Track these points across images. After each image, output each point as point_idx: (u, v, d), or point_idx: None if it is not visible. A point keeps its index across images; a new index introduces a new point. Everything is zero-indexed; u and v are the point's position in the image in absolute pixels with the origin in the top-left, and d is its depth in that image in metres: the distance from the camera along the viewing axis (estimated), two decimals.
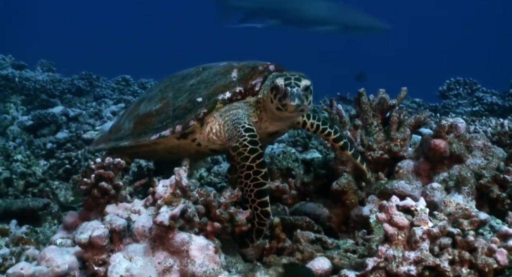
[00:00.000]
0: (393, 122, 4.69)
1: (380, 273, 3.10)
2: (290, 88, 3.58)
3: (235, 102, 4.01)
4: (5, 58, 14.29)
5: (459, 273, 2.99)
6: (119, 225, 3.42)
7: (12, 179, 6.46)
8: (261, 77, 4.02)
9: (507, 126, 4.76)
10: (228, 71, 4.16)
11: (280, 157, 5.20)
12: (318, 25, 19.51)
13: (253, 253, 3.90)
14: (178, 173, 3.55)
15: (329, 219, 4.43)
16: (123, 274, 3.21)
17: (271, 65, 4.11)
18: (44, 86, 13.38)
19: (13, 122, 10.26)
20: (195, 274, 3.29)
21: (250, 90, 4.01)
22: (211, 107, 3.98)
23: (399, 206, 3.22)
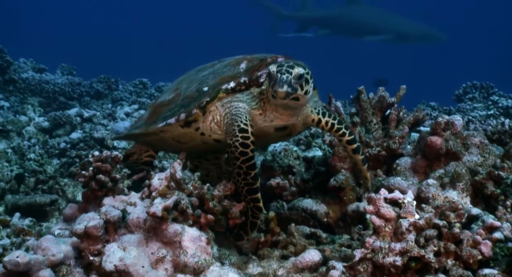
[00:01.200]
0: (392, 119, 4.73)
1: (367, 264, 3.15)
2: (280, 75, 3.50)
3: (239, 93, 3.96)
4: (26, 62, 14.56)
5: (444, 264, 3.03)
6: (114, 216, 3.51)
7: (24, 176, 6.60)
8: (265, 69, 3.92)
9: (507, 125, 4.77)
10: (238, 63, 4.15)
11: (282, 155, 5.25)
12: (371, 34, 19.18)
13: (248, 246, 3.96)
14: (173, 166, 3.63)
15: (327, 215, 4.47)
16: (116, 263, 3.28)
17: (280, 57, 4.02)
18: (63, 89, 13.59)
19: (30, 123, 10.46)
20: (187, 264, 3.36)
21: (254, 81, 3.94)
22: (213, 96, 3.95)
23: (387, 198, 3.27)
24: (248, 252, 3.93)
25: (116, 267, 3.27)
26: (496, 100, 12.24)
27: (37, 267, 3.26)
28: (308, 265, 3.44)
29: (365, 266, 3.15)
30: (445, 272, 3.02)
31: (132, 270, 3.27)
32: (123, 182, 3.99)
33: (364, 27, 19.18)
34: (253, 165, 3.70)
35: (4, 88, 12.92)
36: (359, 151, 4.13)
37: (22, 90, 12.96)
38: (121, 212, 3.57)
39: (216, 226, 3.70)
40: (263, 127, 3.96)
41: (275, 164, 5.15)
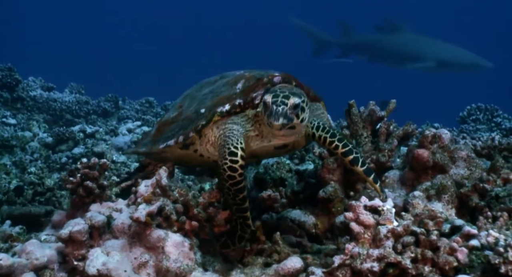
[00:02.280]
0: (381, 133, 4.79)
1: (346, 270, 3.19)
2: (276, 107, 3.46)
3: (234, 115, 3.89)
4: (35, 80, 14.73)
5: (421, 271, 3.06)
6: (99, 221, 3.57)
7: (23, 189, 6.68)
8: (262, 90, 3.87)
9: (497, 140, 4.79)
10: (236, 82, 4.08)
11: (274, 167, 5.29)
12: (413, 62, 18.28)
13: (234, 254, 4.00)
14: (159, 173, 3.69)
15: (315, 226, 4.50)
16: (99, 267, 3.34)
17: (276, 77, 3.95)
18: (70, 107, 13.75)
19: (34, 138, 10.58)
20: (169, 269, 3.41)
21: (249, 103, 3.87)
22: (209, 119, 3.90)
23: (367, 206, 3.31)
24: (233, 260, 3.97)
25: (99, 271, 3.33)
26: (499, 121, 12.25)
27: (20, 270, 3.33)
28: (289, 272, 3.48)
29: (344, 272, 3.18)
30: None
31: (114, 274, 3.33)
32: (111, 189, 4.07)
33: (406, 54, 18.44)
34: (241, 189, 3.68)
35: (12, 105, 13.10)
36: (357, 163, 3.87)
37: (29, 107, 13.14)
38: (106, 217, 3.63)
39: (200, 233, 3.76)
40: (261, 147, 3.94)
41: (267, 177, 5.20)
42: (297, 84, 3.96)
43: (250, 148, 3.92)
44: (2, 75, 13.07)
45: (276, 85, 3.89)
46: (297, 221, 4.46)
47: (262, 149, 3.98)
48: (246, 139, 3.86)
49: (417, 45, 18.23)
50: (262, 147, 3.94)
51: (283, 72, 4.10)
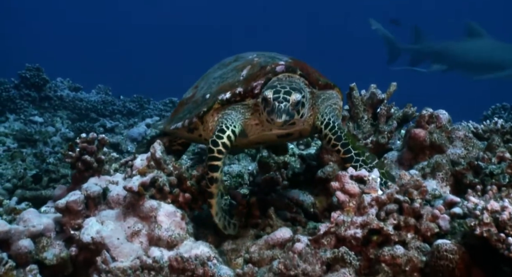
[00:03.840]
0: (381, 115, 4.83)
1: (331, 238, 3.24)
2: (278, 104, 3.40)
3: (234, 103, 3.86)
4: (63, 81, 15.04)
5: (404, 238, 3.10)
6: (94, 191, 3.69)
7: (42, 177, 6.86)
8: (262, 79, 3.79)
9: (499, 124, 4.79)
10: (243, 67, 4.03)
11: None
12: (493, 70, 17.22)
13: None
14: (153, 147, 3.80)
15: (314, 205, 4.54)
16: (93, 235, 3.46)
17: (279, 66, 3.85)
18: (95, 106, 14.00)
19: (56, 133, 10.82)
20: (161, 237, 3.51)
21: (249, 92, 3.81)
22: (210, 106, 3.90)
23: (353, 176, 3.37)
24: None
25: (93, 239, 3.44)
26: None
27: (17, 237, 3.44)
28: (279, 242, 3.55)
29: (329, 239, 3.24)
30: (405, 245, 3.08)
31: (107, 242, 3.43)
32: (110, 164, 4.16)
33: (487, 62, 17.29)
34: (214, 167, 3.61)
35: (39, 104, 13.39)
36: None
37: (56, 106, 13.39)
38: (101, 188, 3.75)
39: (193, 205, 3.84)
40: (263, 135, 3.94)
41: (270, 161, 5.26)
42: (302, 74, 3.86)
43: (251, 136, 3.94)
44: (31, 75, 13.39)
45: (278, 74, 3.81)
46: (295, 200, 4.51)
47: (264, 137, 3.98)
48: (246, 127, 3.86)
49: (500, 53, 17.21)
50: (264, 135, 3.94)
51: (292, 58, 4.08)
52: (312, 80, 3.91)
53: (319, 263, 3.09)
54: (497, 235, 2.64)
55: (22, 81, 13.29)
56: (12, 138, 10.16)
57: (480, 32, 17.53)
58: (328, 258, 3.09)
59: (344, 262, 3.04)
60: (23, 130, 10.46)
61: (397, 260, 2.96)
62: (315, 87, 3.89)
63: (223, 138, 3.64)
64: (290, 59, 4.03)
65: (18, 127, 10.96)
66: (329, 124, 3.85)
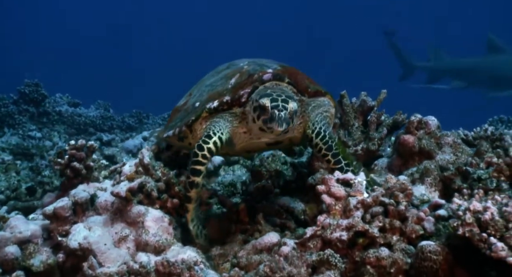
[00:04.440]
0: (372, 122, 4.84)
1: (317, 241, 3.25)
2: (278, 112, 3.37)
3: (222, 112, 3.84)
4: (62, 97, 15.08)
5: (389, 240, 3.11)
6: (82, 197, 3.70)
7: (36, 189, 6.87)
8: (249, 88, 3.77)
9: (489, 131, 4.79)
10: (232, 76, 4.02)
11: (269, 160, 5.35)
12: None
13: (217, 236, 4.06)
14: (141, 153, 3.82)
15: (304, 212, 4.54)
16: (80, 241, 3.46)
17: (266, 74, 3.84)
18: (94, 121, 14.02)
19: (53, 147, 10.85)
20: (148, 243, 3.51)
21: (236, 101, 3.79)
22: (198, 115, 3.89)
23: (339, 179, 3.39)
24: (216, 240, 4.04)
25: (80, 244, 3.45)
26: None
27: (3, 243, 3.46)
28: (266, 246, 3.55)
29: (315, 242, 3.25)
30: (390, 247, 3.08)
31: (95, 248, 3.44)
32: (100, 172, 4.17)
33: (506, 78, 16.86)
34: (197, 171, 3.62)
35: (38, 120, 13.41)
36: None
37: (54, 122, 13.41)
38: (89, 194, 3.76)
39: (181, 210, 3.84)
40: (251, 143, 3.91)
41: (263, 169, 5.27)
42: (290, 82, 3.85)
43: (239, 144, 3.92)
44: (29, 91, 13.44)
45: (266, 82, 3.80)
46: (285, 207, 4.51)
47: (253, 145, 3.96)
48: (234, 135, 3.85)
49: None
50: (253, 144, 3.91)
51: (283, 65, 4.06)
52: (301, 88, 3.89)
53: (304, 265, 3.10)
54: (479, 235, 2.64)
55: (21, 96, 13.33)
56: (8, 152, 10.19)
57: (502, 47, 17.10)
58: (314, 261, 3.09)
59: (330, 264, 3.05)
60: (20, 144, 10.50)
61: (382, 262, 2.96)
62: (304, 95, 3.88)
63: (209, 144, 3.65)
64: (279, 66, 4.01)
65: (15, 141, 10.99)
66: (320, 133, 3.84)
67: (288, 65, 4.11)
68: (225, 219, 4.06)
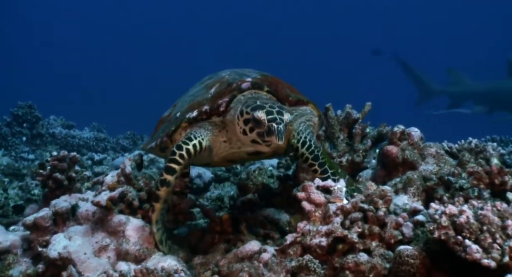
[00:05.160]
0: (356, 134, 4.87)
1: (297, 247, 3.25)
2: (277, 125, 3.30)
3: (201, 121, 3.81)
4: (56, 119, 15.08)
5: (368, 246, 3.11)
6: (62, 207, 3.70)
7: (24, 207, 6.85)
8: (228, 97, 3.74)
9: (473, 144, 4.82)
10: (212, 86, 3.99)
11: (256, 173, 5.36)
12: None
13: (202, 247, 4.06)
14: (123, 163, 3.82)
15: (289, 224, 4.53)
16: (60, 251, 3.46)
17: (245, 83, 3.80)
18: (87, 143, 14.02)
19: None
20: (129, 252, 3.51)
21: (215, 110, 3.75)
22: (177, 125, 3.86)
23: (319, 186, 3.40)
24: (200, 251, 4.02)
25: (60, 254, 3.44)
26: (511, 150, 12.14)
27: None
28: (248, 255, 3.53)
29: (295, 249, 3.24)
30: (369, 253, 3.08)
31: (74, 257, 3.43)
32: (82, 183, 4.17)
33: None
34: (172, 169, 3.57)
35: (31, 142, 13.41)
36: None
37: (48, 143, 13.42)
38: (70, 204, 3.76)
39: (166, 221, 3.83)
40: (232, 153, 3.88)
41: (249, 182, 5.27)
42: (269, 90, 3.82)
43: (220, 154, 3.90)
44: (23, 113, 13.44)
45: (244, 91, 3.76)
46: (270, 218, 4.50)
47: (234, 155, 3.92)
48: (214, 144, 3.83)
49: None
50: (234, 153, 3.88)
51: (263, 74, 4.05)
52: (281, 97, 3.86)
53: (284, 271, 3.09)
54: (455, 237, 2.64)
55: (14, 118, 13.34)
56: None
57: None
58: (293, 267, 3.09)
59: (309, 270, 3.04)
60: (11, 164, 10.48)
61: (361, 267, 2.96)
62: (284, 103, 3.85)
63: (188, 145, 3.63)
64: (260, 75, 4.00)
65: (6, 161, 10.98)
66: (306, 143, 3.82)
67: (271, 75, 4.10)
68: (209, 230, 4.03)
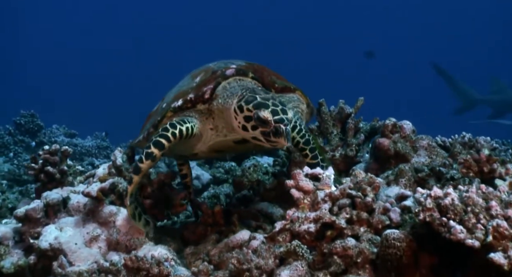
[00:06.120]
0: (349, 128, 4.88)
1: (286, 234, 3.26)
2: (285, 127, 3.24)
3: (187, 110, 3.78)
4: (58, 128, 15.11)
5: (357, 231, 3.12)
6: (53, 199, 3.72)
7: None
8: (212, 84, 3.71)
9: (467, 138, 4.82)
10: (197, 75, 3.96)
11: (251, 170, 5.39)
12: None
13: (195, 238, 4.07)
14: (114, 154, 3.85)
15: (282, 217, 4.54)
16: (51, 242, 3.48)
17: (229, 69, 3.77)
18: (89, 151, 14.03)
19: None
20: (120, 242, 3.53)
21: (200, 98, 3.72)
22: (163, 115, 3.83)
23: (308, 174, 3.41)
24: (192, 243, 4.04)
25: (51, 245, 3.46)
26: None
27: None
28: (238, 244, 3.56)
29: (284, 236, 3.25)
30: (358, 239, 3.09)
31: (65, 247, 3.45)
32: (75, 177, 4.19)
33: None
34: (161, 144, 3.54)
35: (34, 151, 13.43)
36: None
37: None
38: (61, 196, 3.78)
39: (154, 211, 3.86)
40: (219, 142, 3.86)
41: (244, 179, 5.29)
42: (254, 76, 3.79)
43: (207, 142, 3.88)
44: (25, 121, 13.48)
45: (229, 78, 3.74)
46: (264, 212, 4.51)
47: (220, 144, 3.89)
48: (202, 132, 3.81)
49: None
50: (220, 142, 3.85)
51: (249, 62, 4.04)
52: (266, 83, 3.85)
53: (272, 257, 3.09)
54: (439, 219, 2.66)
55: (17, 127, 13.38)
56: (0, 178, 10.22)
57: None
58: (281, 252, 3.09)
59: (297, 255, 3.05)
60: (12, 170, 10.52)
61: (348, 251, 2.96)
62: (270, 90, 3.83)
63: (182, 126, 3.62)
64: (245, 63, 4.00)
65: (8, 168, 11.03)
66: (296, 127, 3.82)
67: (256, 63, 4.09)
68: (201, 223, 4.04)
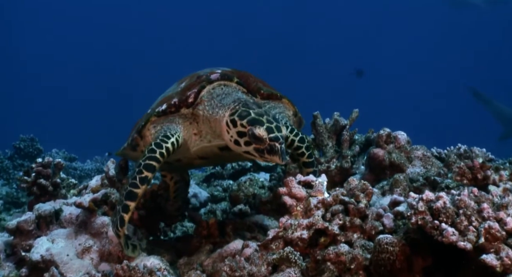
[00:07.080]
0: (344, 140, 4.87)
1: (279, 242, 3.23)
2: (280, 146, 3.24)
3: (171, 115, 3.74)
4: (58, 152, 15.11)
5: (350, 238, 3.10)
6: (45, 210, 3.70)
7: None
8: (196, 88, 3.69)
9: (462, 149, 4.82)
10: (183, 81, 3.95)
11: (247, 184, 5.37)
12: None
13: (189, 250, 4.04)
14: (107, 165, 3.84)
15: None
16: (43, 253, 3.45)
17: (214, 74, 3.75)
18: (89, 174, 14.01)
19: None
20: (112, 252, 3.51)
21: (184, 102, 3.69)
22: (146, 120, 3.79)
23: (301, 181, 3.39)
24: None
25: (43, 257, 3.44)
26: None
27: None
28: (232, 254, 3.54)
29: (277, 244, 3.22)
30: (351, 245, 3.07)
31: (57, 259, 3.43)
32: (68, 190, 4.18)
33: None
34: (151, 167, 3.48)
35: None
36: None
37: None
38: (53, 208, 3.76)
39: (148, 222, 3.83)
40: (203, 147, 3.81)
41: (240, 193, 5.27)
42: (239, 82, 3.77)
43: (192, 148, 3.82)
44: (24, 145, 13.48)
45: (213, 82, 3.71)
46: (259, 224, 4.49)
47: (204, 150, 3.84)
48: (186, 138, 3.76)
49: None
50: (204, 148, 3.81)
51: (234, 69, 4.02)
52: (252, 89, 3.83)
53: (265, 264, 3.06)
54: (432, 222, 2.64)
55: (16, 151, 13.38)
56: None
57: None
58: (274, 259, 3.06)
59: (289, 262, 3.02)
60: (10, 193, 10.51)
61: (342, 257, 2.94)
62: (255, 96, 3.82)
63: (167, 143, 3.57)
64: (230, 69, 3.99)
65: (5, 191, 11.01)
66: (288, 126, 3.80)
67: (241, 70, 4.05)
68: (195, 234, 4.02)
